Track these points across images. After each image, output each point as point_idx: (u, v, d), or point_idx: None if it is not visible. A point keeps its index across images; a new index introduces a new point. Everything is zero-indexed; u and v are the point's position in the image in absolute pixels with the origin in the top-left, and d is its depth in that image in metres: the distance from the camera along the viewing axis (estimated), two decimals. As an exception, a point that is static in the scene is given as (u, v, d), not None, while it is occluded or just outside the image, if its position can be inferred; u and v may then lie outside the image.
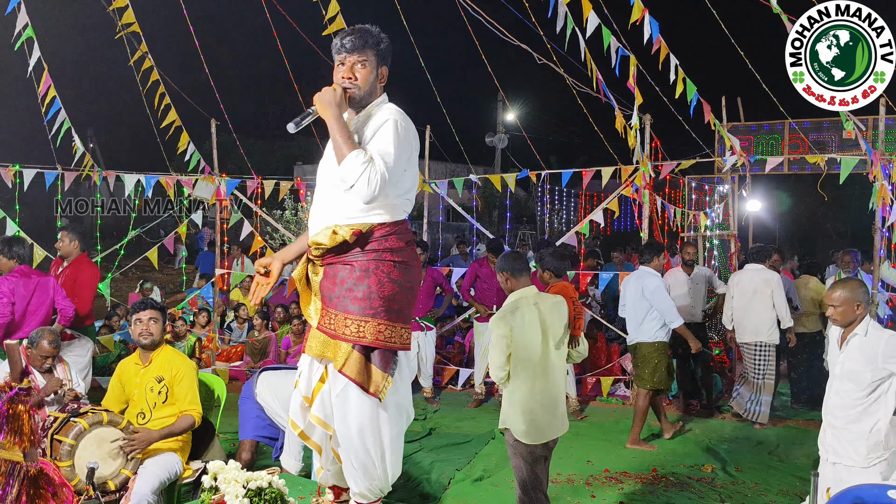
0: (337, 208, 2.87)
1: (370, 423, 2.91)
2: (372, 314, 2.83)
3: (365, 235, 2.84)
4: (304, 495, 4.35)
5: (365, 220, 2.84)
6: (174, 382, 4.11)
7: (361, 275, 2.84)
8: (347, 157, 2.69)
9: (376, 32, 2.92)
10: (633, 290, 6.59)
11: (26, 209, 8.29)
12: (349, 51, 2.86)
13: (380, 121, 2.84)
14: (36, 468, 3.44)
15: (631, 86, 7.33)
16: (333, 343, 2.87)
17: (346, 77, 2.86)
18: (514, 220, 20.17)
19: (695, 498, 5.07)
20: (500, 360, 3.76)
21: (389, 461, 3.01)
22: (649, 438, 6.55)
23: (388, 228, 2.88)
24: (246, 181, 9.26)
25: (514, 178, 8.89)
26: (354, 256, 2.85)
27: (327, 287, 2.89)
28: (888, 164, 6.64)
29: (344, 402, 2.91)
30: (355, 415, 2.90)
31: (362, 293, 2.83)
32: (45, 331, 4.76)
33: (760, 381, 6.98)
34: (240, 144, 10.21)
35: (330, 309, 2.88)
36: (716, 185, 11.53)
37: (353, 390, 2.89)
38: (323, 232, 2.86)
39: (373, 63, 2.89)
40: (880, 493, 3.27)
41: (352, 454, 2.95)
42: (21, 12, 7.78)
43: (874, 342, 3.68)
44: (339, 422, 2.95)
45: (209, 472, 3.29)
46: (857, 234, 16.60)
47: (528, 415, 3.75)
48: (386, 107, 2.92)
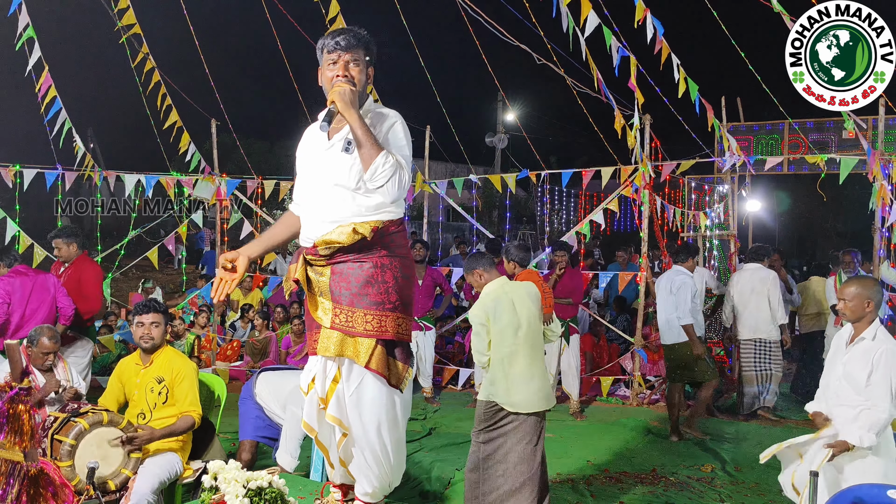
0: (348, 205, 2.87)
1: (387, 416, 2.98)
2: (391, 308, 2.91)
3: (381, 232, 2.89)
4: (305, 495, 4.36)
5: (379, 216, 2.89)
6: (174, 384, 4.10)
7: (377, 271, 2.90)
8: (377, 159, 2.74)
9: (366, 33, 2.97)
10: (664, 289, 6.70)
11: (26, 209, 8.28)
12: (344, 49, 2.88)
13: (388, 121, 2.92)
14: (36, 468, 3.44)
15: (632, 85, 7.34)
16: (353, 340, 2.90)
17: (340, 75, 2.87)
18: (514, 220, 20.18)
19: (695, 498, 5.07)
20: (482, 346, 4.07)
21: (401, 454, 3.10)
22: (650, 438, 6.55)
23: (396, 225, 2.98)
24: (246, 181, 9.26)
25: (514, 178, 8.89)
26: (369, 254, 2.89)
27: (339, 286, 2.89)
28: (888, 164, 6.64)
29: (360, 399, 2.95)
30: (374, 409, 2.95)
31: (381, 288, 2.89)
32: (45, 327, 4.74)
33: (768, 372, 7.07)
34: (240, 144, 10.21)
35: (346, 307, 2.89)
36: (715, 185, 11.53)
37: (370, 386, 2.94)
38: (338, 230, 2.85)
39: (364, 63, 2.93)
40: (880, 493, 3.27)
41: (367, 450, 2.99)
42: (22, 13, 7.79)
43: (878, 346, 3.67)
44: (354, 419, 2.97)
45: (209, 472, 3.29)
46: (857, 234, 16.59)
47: (505, 383, 3.99)
48: (381, 106, 3.03)
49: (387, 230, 2.91)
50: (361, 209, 2.86)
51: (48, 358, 4.64)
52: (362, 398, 2.94)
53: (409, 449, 5.33)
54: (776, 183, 20.76)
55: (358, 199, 2.86)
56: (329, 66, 2.92)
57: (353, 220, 2.85)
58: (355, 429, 2.99)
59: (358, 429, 2.98)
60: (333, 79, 2.88)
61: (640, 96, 7.45)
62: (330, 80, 2.90)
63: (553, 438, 6.50)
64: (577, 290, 7.51)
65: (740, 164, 7.83)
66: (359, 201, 2.86)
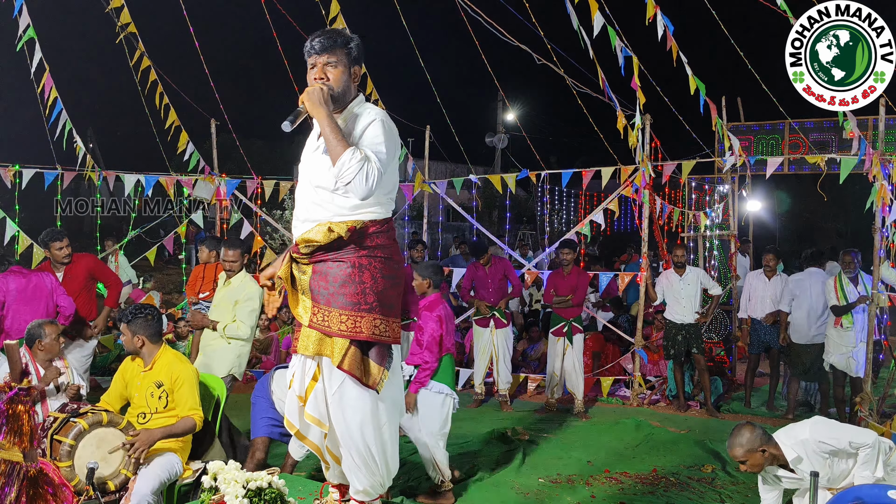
0: (327, 206, 2.90)
1: (370, 417, 2.96)
2: (367, 309, 2.89)
3: (359, 232, 2.88)
4: (305, 495, 4.35)
5: (358, 217, 2.88)
6: (174, 388, 4.09)
7: (355, 271, 2.89)
8: (343, 156, 2.73)
9: (345, 33, 2.99)
10: (814, 289, 7.19)
11: (26, 209, 8.27)
12: (318, 52, 2.91)
13: (367, 119, 2.89)
14: (35, 468, 3.43)
15: (635, 85, 7.34)
16: (329, 340, 2.91)
17: (317, 77, 2.91)
18: (514, 220, 20.16)
19: (695, 498, 5.07)
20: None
21: (390, 454, 3.05)
22: (650, 438, 6.55)
23: (378, 226, 2.94)
24: (246, 181, 9.26)
25: (514, 178, 8.88)
26: (347, 253, 2.90)
27: (319, 285, 2.92)
28: (888, 164, 6.63)
29: (341, 399, 2.94)
30: (354, 410, 2.94)
31: (357, 289, 2.88)
32: (44, 322, 4.72)
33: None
34: (240, 144, 10.20)
35: (323, 306, 2.91)
36: (716, 185, 11.52)
37: (351, 386, 2.93)
38: (316, 229, 2.89)
39: (344, 63, 2.93)
40: (881, 493, 3.28)
41: (353, 450, 2.98)
42: (23, 14, 7.78)
43: (820, 449, 3.55)
44: (338, 419, 2.97)
45: (209, 473, 3.29)
46: (858, 233, 16.58)
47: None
48: (369, 106, 2.99)
49: (366, 230, 2.90)
50: (342, 209, 2.88)
51: (50, 350, 4.61)
52: (344, 398, 2.94)
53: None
54: (776, 183, 20.72)
55: (337, 200, 2.88)
56: (309, 70, 2.96)
57: (332, 220, 2.87)
58: (339, 428, 2.99)
59: (342, 429, 2.98)
60: (311, 82, 2.92)
61: (641, 96, 7.44)
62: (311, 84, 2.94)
63: (553, 438, 6.50)
64: (579, 288, 7.51)
65: (740, 163, 7.81)
66: (338, 202, 2.88)
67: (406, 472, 5.30)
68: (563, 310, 7.53)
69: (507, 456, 5.89)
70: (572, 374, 7.53)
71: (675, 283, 7.72)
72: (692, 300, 7.67)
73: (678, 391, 7.77)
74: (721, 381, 8.19)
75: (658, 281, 7.98)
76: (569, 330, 7.49)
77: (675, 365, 7.82)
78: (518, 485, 5.24)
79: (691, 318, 7.64)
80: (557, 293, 7.56)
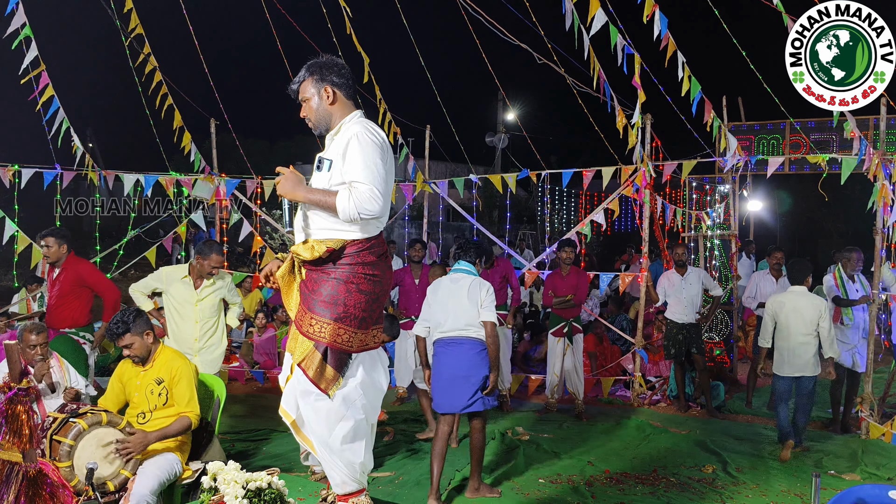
0: (312, 221, 3.13)
1: (324, 416, 3.11)
2: (335, 318, 3.06)
3: (337, 252, 3.06)
4: (304, 496, 4.35)
5: (338, 236, 3.07)
6: (173, 384, 4.09)
7: (334, 283, 3.08)
8: (338, 205, 2.94)
9: (310, 62, 3.21)
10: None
11: (25, 209, 8.25)
12: (295, 95, 3.25)
13: (343, 144, 3.06)
14: (35, 469, 3.43)
15: (636, 83, 7.32)
16: (300, 339, 3.11)
17: (302, 116, 3.25)
18: (514, 220, 20.15)
19: (695, 498, 5.06)
20: None
21: (352, 451, 3.16)
22: (650, 439, 6.54)
23: (360, 245, 3.10)
24: (246, 181, 9.25)
25: (515, 178, 8.87)
26: (331, 268, 3.09)
27: (305, 288, 3.14)
28: (889, 164, 6.62)
29: (306, 396, 3.11)
30: (311, 408, 3.12)
31: (330, 298, 3.07)
32: (29, 324, 4.71)
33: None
34: (240, 144, 10.19)
35: (302, 307, 3.13)
36: (716, 185, 11.52)
37: (308, 384, 3.10)
38: (302, 245, 3.11)
39: (313, 91, 3.18)
40: (881, 493, 3.27)
41: (318, 445, 3.17)
42: (19, 11, 7.77)
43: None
44: (306, 416, 3.15)
45: (208, 473, 3.29)
46: (858, 233, 16.58)
47: None
48: (352, 123, 3.14)
49: (343, 251, 3.07)
50: (326, 224, 3.08)
51: (36, 352, 4.59)
52: (308, 394, 3.11)
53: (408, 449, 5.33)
54: (777, 183, 20.72)
55: (321, 215, 3.09)
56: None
57: (316, 237, 3.10)
58: (306, 424, 3.18)
59: (308, 424, 3.17)
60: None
61: (642, 95, 7.43)
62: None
63: (553, 439, 6.49)
64: (580, 287, 7.50)
65: (739, 165, 7.81)
66: (317, 222, 3.11)
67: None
68: (563, 310, 7.52)
69: (507, 456, 5.88)
70: (573, 375, 7.53)
71: (677, 283, 7.72)
72: (693, 300, 7.66)
73: (679, 392, 7.76)
74: (723, 386, 8.16)
75: (659, 281, 7.98)
76: (569, 330, 7.48)
77: (677, 366, 7.81)
78: (518, 485, 5.23)
79: (692, 318, 7.63)
80: (556, 294, 7.55)
